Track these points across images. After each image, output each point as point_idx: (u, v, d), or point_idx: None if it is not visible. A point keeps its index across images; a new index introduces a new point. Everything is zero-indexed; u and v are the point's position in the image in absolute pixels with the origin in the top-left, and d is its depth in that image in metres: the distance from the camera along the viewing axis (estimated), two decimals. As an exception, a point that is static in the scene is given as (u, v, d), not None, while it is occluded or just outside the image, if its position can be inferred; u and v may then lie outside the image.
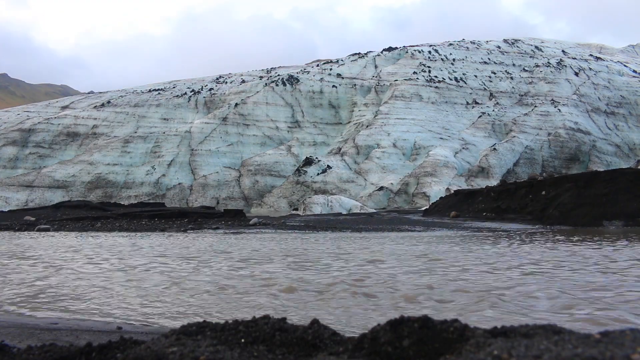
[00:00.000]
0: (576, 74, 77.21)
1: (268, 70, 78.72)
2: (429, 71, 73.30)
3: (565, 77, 75.80)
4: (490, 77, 75.18)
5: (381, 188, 51.12)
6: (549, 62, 79.40)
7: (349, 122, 66.23)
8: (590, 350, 1.55)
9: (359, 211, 40.27)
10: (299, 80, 70.30)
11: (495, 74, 76.23)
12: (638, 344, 1.58)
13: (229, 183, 55.05)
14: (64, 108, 67.02)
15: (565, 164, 60.97)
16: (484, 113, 67.44)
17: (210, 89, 71.09)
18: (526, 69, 78.49)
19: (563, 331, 1.84)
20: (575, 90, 73.37)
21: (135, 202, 45.87)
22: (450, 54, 79.70)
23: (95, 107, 65.31)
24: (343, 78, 71.96)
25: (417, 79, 70.73)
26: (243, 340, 2.15)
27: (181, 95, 68.82)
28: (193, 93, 69.56)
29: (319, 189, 52.06)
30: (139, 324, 5.13)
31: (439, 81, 71.13)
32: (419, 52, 78.66)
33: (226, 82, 73.60)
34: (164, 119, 64.04)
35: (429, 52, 79.05)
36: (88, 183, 53.27)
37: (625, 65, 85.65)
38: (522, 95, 72.42)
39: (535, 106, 69.05)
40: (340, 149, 60.12)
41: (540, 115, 66.90)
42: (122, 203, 44.36)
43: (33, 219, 29.01)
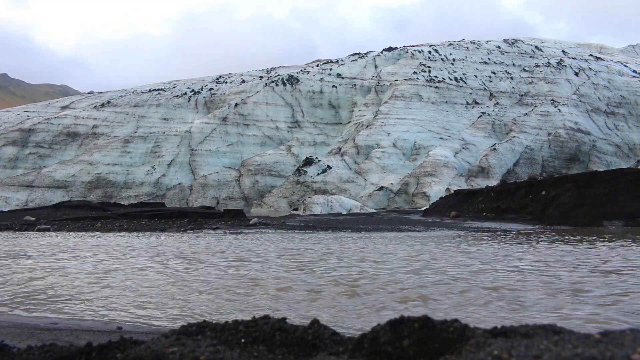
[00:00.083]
0: (576, 74, 77.22)
1: (268, 70, 78.73)
2: (429, 71, 73.30)
3: (565, 77, 75.81)
4: (490, 77, 75.18)
5: (381, 188, 51.12)
6: (549, 62, 79.40)
7: (349, 122, 66.23)
8: (590, 350, 1.55)
9: (359, 211, 40.27)
10: (299, 80, 70.30)
11: (495, 74, 76.24)
12: (638, 344, 1.58)
13: (229, 183, 55.06)
14: (64, 108, 67.03)
15: (565, 164, 60.97)
16: (484, 113, 67.45)
17: (210, 89, 71.10)
18: (526, 69, 78.49)
19: (563, 331, 1.84)
20: (575, 90, 73.38)
21: (135, 202, 45.87)
22: (450, 54, 79.70)
23: (95, 107, 65.31)
24: (343, 78, 71.96)
25: (417, 79, 70.73)
26: (243, 340, 2.15)
27: (181, 95, 68.82)
28: (193, 93, 69.57)
29: (319, 189, 52.06)
30: (139, 323, 5.14)
31: (439, 81, 71.14)
32: (419, 52, 78.66)
33: (226, 82, 73.60)
34: (164, 119, 64.05)
35: (429, 52, 79.05)
36: (88, 183, 53.28)
37: (625, 65, 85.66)
38: (522, 95, 72.43)
39: (535, 106, 69.06)
40: (340, 149, 60.12)
41: (540, 115, 66.91)
42: (122, 203, 44.37)
43: (33, 219, 29.01)
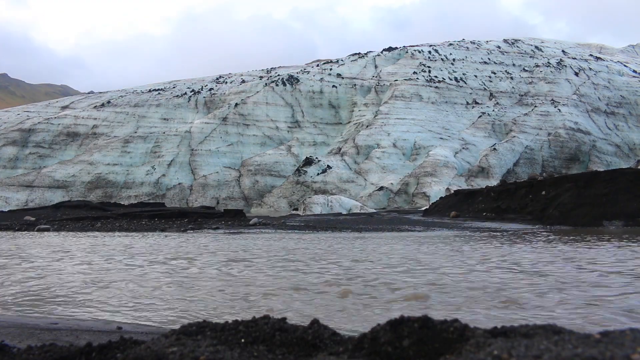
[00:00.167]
0: (576, 74, 77.21)
1: (268, 70, 78.72)
2: (429, 71, 73.30)
3: (565, 77, 75.81)
4: (490, 77, 75.17)
5: (381, 188, 51.12)
6: (549, 62, 79.40)
7: (349, 122, 66.24)
8: (590, 350, 1.55)
9: (359, 211, 40.27)
10: (299, 80, 70.30)
11: (495, 74, 76.23)
12: (638, 344, 1.58)
13: (229, 183, 55.05)
14: (64, 108, 67.03)
15: (565, 164, 60.97)
16: (484, 113, 67.44)
17: (210, 89, 71.10)
18: (526, 69, 78.48)
19: (563, 331, 1.84)
20: (575, 90, 73.38)
21: (135, 202, 45.87)
22: (450, 54, 79.70)
23: (95, 107, 65.31)
24: (343, 78, 71.95)
25: (417, 79, 70.72)
26: (243, 340, 2.15)
27: (181, 95, 68.82)
28: (193, 93, 69.57)
29: (319, 189, 52.06)
30: (140, 323, 5.14)
31: (439, 81, 71.13)
32: (419, 52, 78.66)
33: (226, 82, 73.60)
34: (164, 119, 64.05)
35: (429, 52, 79.05)
36: (88, 183, 53.28)
37: (625, 65, 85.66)
38: (522, 95, 72.43)
39: (535, 106, 69.06)
40: (340, 149, 60.12)
41: (540, 115, 66.91)
42: (122, 203, 44.37)
43: (33, 219, 29.01)
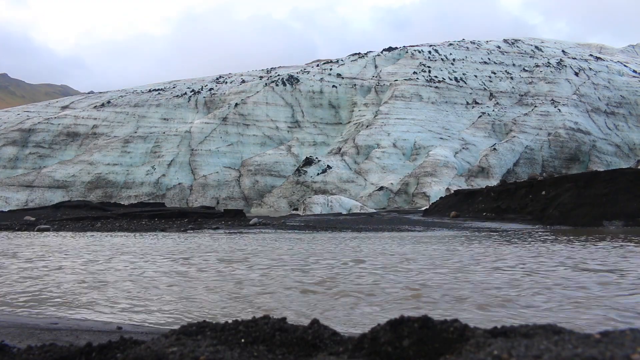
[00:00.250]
0: (576, 74, 77.20)
1: (268, 70, 78.71)
2: (429, 71, 73.29)
3: (565, 77, 75.79)
4: (490, 77, 75.17)
5: (381, 188, 51.12)
6: (549, 62, 79.39)
7: (349, 122, 66.23)
8: (590, 350, 1.55)
9: (359, 211, 40.27)
10: (299, 80, 70.30)
11: (495, 74, 76.22)
12: (638, 344, 1.58)
13: (229, 183, 55.05)
14: (64, 108, 67.03)
15: (565, 164, 60.97)
16: (484, 113, 67.44)
17: (210, 89, 71.09)
18: (526, 69, 78.48)
19: (563, 331, 1.84)
20: (575, 90, 73.37)
21: (135, 202, 45.87)
22: (450, 54, 79.69)
23: (95, 107, 65.31)
24: (343, 78, 71.95)
25: (417, 79, 70.72)
26: (243, 340, 2.15)
27: (181, 95, 68.81)
28: (193, 93, 69.56)
29: (319, 189, 52.06)
30: (139, 323, 5.14)
31: (439, 81, 71.12)
32: (419, 52, 78.65)
33: (226, 82, 73.60)
34: (164, 119, 64.04)
35: (429, 52, 79.04)
36: (88, 183, 53.27)
37: (625, 65, 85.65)
38: (522, 95, 72.42)
39: (535, 106, 69.05)
40: (340, 149, 60.11)
41: (540, 115, 66.90)
42: (122, 203, 44.37)
43: (33, 219, 29.01)
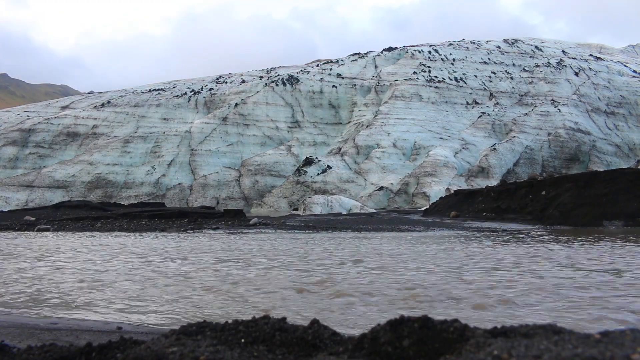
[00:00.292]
0: (576, 74, 77.19)
1: (268, 70, 78.71)
2: (429, 71, 73.28)
3: (565, 77, 75.79)
4: (490, 77, 75.16)
5: (381, 188, 51.11)
6: (549, 62, 79.38)
7: (349, 122, 66.22)
8: (590, 350, 1.55)
9: (359, 211, 40.27)
10: (299, 80, 70.29)
11: (495, 74, 76.22)
12: (638, 344, 1.58)
13: (229, 183, 55.04)
14: (64, 108, 67.02)
15: (565, 164, 60.96)
16: (484, 113, 67.43)
17: (210, 89, 71.08)
18: (526, 69, 78.47)
19: (563, 331, 1.84)
20: (575, 90, 73.36)
21: (135, 202, 45.87)
22: (450, 54, 79.68)
23: (95, 107, 65.30)
24: (343, 78, 71.94)
25: (417, 79, 70.71)
26: (243, 340, 2.15)
27: (181, 95, 68.81)
28: (193, 93, 69.56)
29: (319, 189, 52.05)
30: (139, 323, 5.14)
31: (439, 81, 71.12)
32: (419, 52, 78.64)
33: (226, 82, 73.59)
34: (164, 119, 64.04)
35: (429, 52, 79.03)
36: (88, 183, 53.26)
37: (625, 65, 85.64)
38: (522, 95, 72.41)
39: (535, 106, 69.04)
40: (340, 149, 60.11)
41: (540, 115, 66.89)
42: (122, 203, 44.37)
43: (33, 219, 29.00)
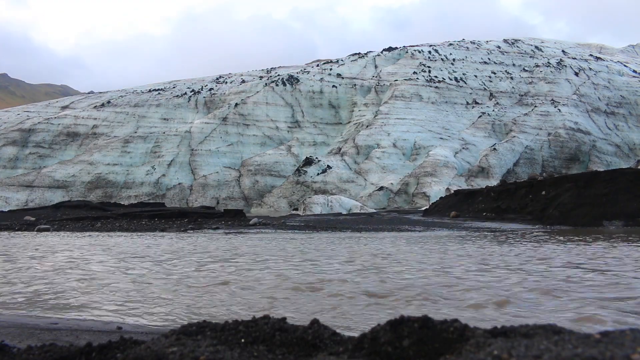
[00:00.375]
0: (576, 74, 77.21)
1: (268, 70, 78.72)
2: (429, 71, 73.29)
3: (565, 77, 75.80)
4: (490, 77, 75.17)
5: (381, 188, 51.12)
6: (549, 62, 79.39)
7: (349, 122, 66.23)
8: (590, 350, 1.55)
9: (359, 211, 40.27)
10: (299, 80, 70.30)
11: (495, 74, 76.23)
12: (638, 344, 1.58)
13: (229, 183, 55.05)
14: (64, 108, 67.04)
15: (565, 164, 60.97)
16: (484, 113, 67.44)
17: (210, 89, 71.09)
18: (526, 69, 78.48)
19: (563, 331, 1.84)
20: (575, 90, 73.37)
21: (135, 202, 45.88)
22: (450, 54, 79.69)
23: (95, 107, 65.32)
24: (343, 78, 71.95)
25: (417, 79, 70.72)
26: (243, 340, 2.15)
27: (181, 95, 68.82)
28: (193, 93, 69.56)
29: (319, 189, 52.06)
30: (139, 323, 5.13)
31: (439, 81, 71.13)
32: (419, 52, 78.65)
33: (226, 82, 73.60)
34: (164, 119, 64.05)
35: (429, 52, 79.04)
36: (88, 183, 53.27)
37: (625, 65, 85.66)
38: (522, 95, 72.42)
39: (535, 106, 69.05)
40: (340, 149, 60.12)
41: (540, 115, 66.90)
42: (122, 203, 44.37)
43: (33, 219, 29.00)
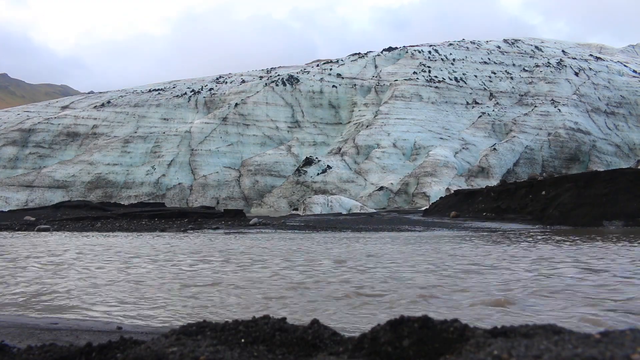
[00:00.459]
0: (576, 74, 77.19)
1: (268, 70, 78.71)
2: (429, 71, 73.28)
3: (565, 77, 75.79)
4: (490, 77, 75.16)
5: (381, 188, 51.11)
6: (549, 62, 79.38)
7: (349, 122, 66.22)
8: (590, 350, 1.55)
9: (359, 211, 40.27)
10: (299, 80, 70.28)
11: (495, 74, 76.21)
12: (638, 344, 1.58)
13: (229, 183, 55.04)
14: (64, 108, 67.01)
15: (565, 164, 60.96)
16: (484, 113, 67.43)
17: (210, 89, 71.07)
18: (526, 69, 78.47)
19: (563, 331, 1.84)
20: (575, 90, 73.36)
21: (135, 202, 45.86)
22: (450, 54, 79.67)
23: (95, 107, 65.30)
24: (343, 78, 71.94)
25: (417, 79, 70.70)
26: (243, 340, 2.15)
27: (181, 95, 68.80)
28: (193, 93, 69.55)
29: (319, 189, 52.05)
30: (140, 323, 5.13)
31: (439, 81, 71.11)
32: (419, 52, 78.63)
33: (226, 82, 73.58)
34: (164, 119, 64.03)
35: (429, 52, 79.03)
36: (88, 183, 53.26)
37: (625, 65, 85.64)
38: (522, 95, 72.41)
39: (535, 106, 69.04)
40: (340, 149, 60.11)
41: (540, 115, 66.89)
42: (122, 203, 44.35)
43: (33, 219, 29.00)
